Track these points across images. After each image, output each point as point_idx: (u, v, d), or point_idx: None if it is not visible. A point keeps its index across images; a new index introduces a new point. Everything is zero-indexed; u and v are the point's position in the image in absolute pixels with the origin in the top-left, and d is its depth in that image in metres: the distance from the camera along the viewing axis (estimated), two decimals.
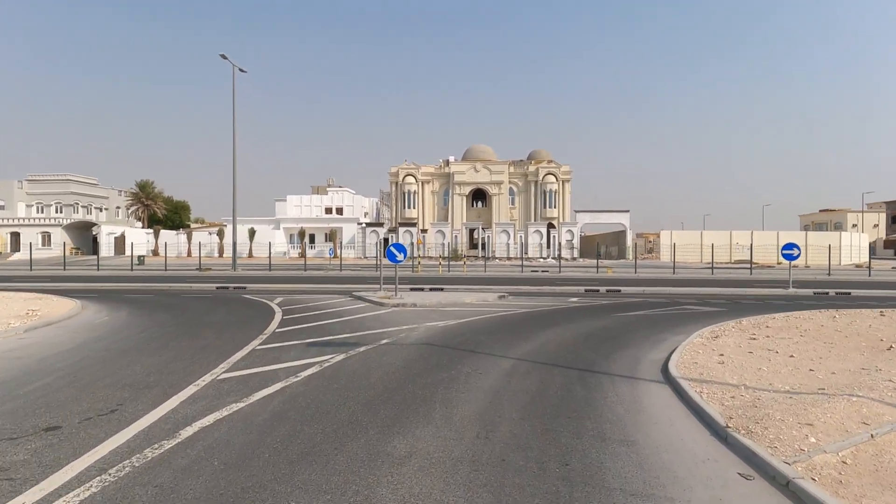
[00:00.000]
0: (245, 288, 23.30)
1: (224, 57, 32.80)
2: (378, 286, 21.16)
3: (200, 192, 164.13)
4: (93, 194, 73.46)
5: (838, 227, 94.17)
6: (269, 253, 34.51)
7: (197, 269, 34.52)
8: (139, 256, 52.50)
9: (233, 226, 35.57)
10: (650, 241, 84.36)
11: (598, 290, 22.82)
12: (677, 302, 18.19)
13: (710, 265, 32.71)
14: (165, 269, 33.94)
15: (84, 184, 72.28)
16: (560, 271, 32.69)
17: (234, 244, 34.49)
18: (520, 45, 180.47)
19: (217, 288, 23.32)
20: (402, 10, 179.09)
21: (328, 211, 73.30)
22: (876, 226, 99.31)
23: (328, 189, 78.33)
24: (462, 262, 34.89)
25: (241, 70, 34.69)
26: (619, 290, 22.77)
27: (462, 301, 17.21)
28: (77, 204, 69.88)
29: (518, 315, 14.29)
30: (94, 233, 62.63)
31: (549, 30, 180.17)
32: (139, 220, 66.47)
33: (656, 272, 35.33)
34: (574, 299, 18.91)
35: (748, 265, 55.22)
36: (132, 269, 34.53)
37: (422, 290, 22.77)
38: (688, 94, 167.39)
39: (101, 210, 74.09)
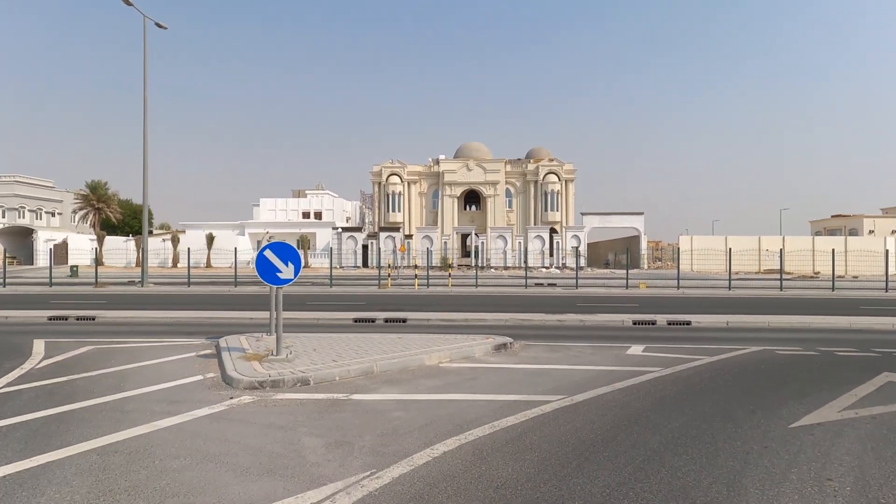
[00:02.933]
0: (94, 319, 14.29)
1: (128, 3, 23.91)
2: (283, 318, 12.18)
3: (168, 195, 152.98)
4: (44, 197, 64.28)
5: (853, 233, 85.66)
6: (189, 262, 25.42)
7: (94, 284, 25.41)
8: (72, 267, 43.49)
9: (143, 227, 26.37)
10: (658, 249, 76.03)
11: (653, 323, 13.82)
12: (837, 358, 9.21)
13: (779, 278, 23.68)
14: (51, 286, 24.90)
15: (33, 185, 63.13)
16: (577, 287, 23.76)
17: (145, 250, 25.38)
18: (517, 38, 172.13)
19: (50, 319, 14.28)
20: (388, 3, 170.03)
21: (306, 215, 64.38)
22: (894, 231, 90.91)
23: (307, 192, 69.44)
24: (447, 274, 25.88)
25: (158, 25, 25.81)
26: (689, 323, 13.78)
27: (421, 362, 8.16)
28: (24, 208, 60.71)
29: (547, 440, 5.21)
30: (33, 239, 53.40)
31: (548, 21, 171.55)
32: (93, 226, 57.24)
33: (700, 286, 26.36)
34: (637, 349, 9.87)
35: (784, 276, 46.37)
36: (4, 286, 25.41)
37: (371, 322, 13.79)
38: (687, 98, 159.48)
39: (53, 215, 64.90)
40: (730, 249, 23.38)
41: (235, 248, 27.84)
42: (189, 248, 27.57)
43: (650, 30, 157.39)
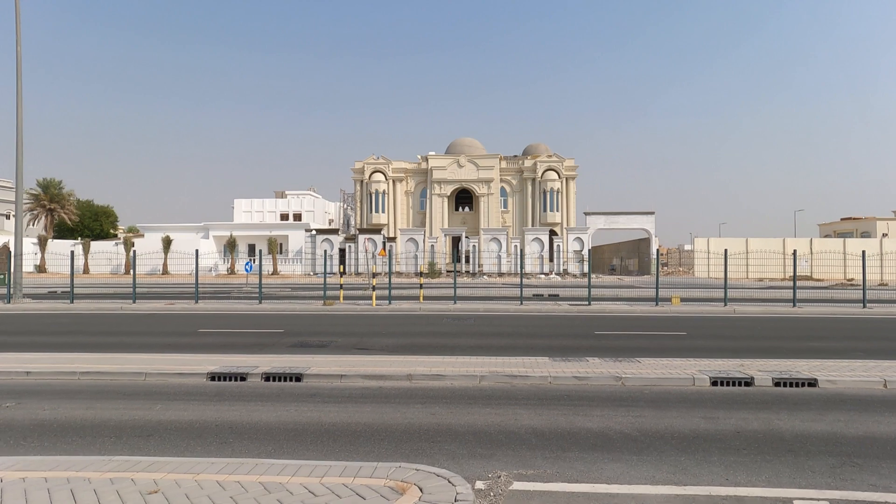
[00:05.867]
0: None
1: None
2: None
3: (144, 197, 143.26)
4: None
5: (865, 235, 79.50)
6: (72, 274, 18.75)
7: None
8: None
9: (17, 220, 19.85)
10: (664, 253, 70.06)
11: (748, 383, 7.45)
12: None
13: (861, 288, 17.09)
14: None
15: None
16: (589, 303, 17.32)
17: (17, 255, 18.86)
18: (513, 28, 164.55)
19: None
20: None
21: (284, 217, 58.01)
22: None
23: (287, 193, 63.15)
24: (419, 285, 19.49)
25: None
26: (815, 384, 7.40)
27: None
28: None
29: None
30: None
31: (547, 10, 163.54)
32: (45, 228, 50.88)
33: (748, 299, 19.80)
34: None
35: (814, 282, 40.13)
36: None
37: (238, 381, 7.36)
38: (691, 99, 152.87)
39: (7, 217, 58.56)
40: (794, 252, 17.03)
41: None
42: (71, 252, 20.38)
43: (654, 29, 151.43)
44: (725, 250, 17.42)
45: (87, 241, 44.41)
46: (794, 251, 17.34)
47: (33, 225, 51.48)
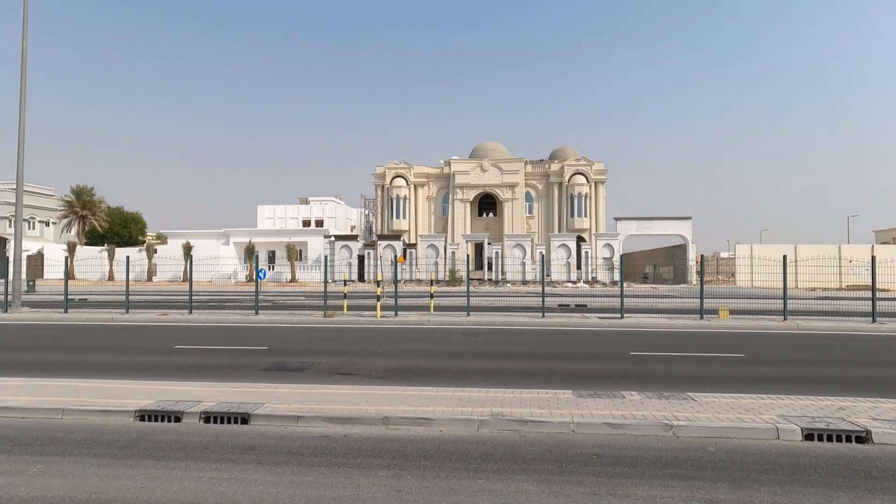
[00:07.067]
0: None
1: None
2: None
3: (164, 204, 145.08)
4: (38, 206, 59.32)
5: None
6: (66, 282, 17.85)
7: None
8: (29, 282, 37.31)
9: (16, 224, 19.05)
10: (698, 262, 66.17)
11: (860, 438, 5.19)
12: None
13: None
14: None
15: (28, 193, 58.13)
16: (622, 316, 14.95)
17: (17, 260, 18.03)
18: (539, 28, 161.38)
19: None
20: None
21: (306, 224, 57.32)
22: None
23: (310, 199, 62.53)
24: (430, 294, 17.63)
25: None
26: None
27: None
28: (10, 217, 55.54)
29: None
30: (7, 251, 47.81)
31: (573, 11, 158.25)
32: (78, 235, 51.54)
33: (810, 312, 16.91)
34: None
35: (881, 292, 36.13)
36: None
37: (171, 421, 5.49)
38: (724, 100, 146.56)
39: (47, 224, 59.81)
40: (873, 258, 14.37)
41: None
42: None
43: (690, 25, 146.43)
44: (784, 256, 14.90)
45: (111, 247, 44.46)
46: (873, 256, 14.69)
47: (68, 231, 52.25)
